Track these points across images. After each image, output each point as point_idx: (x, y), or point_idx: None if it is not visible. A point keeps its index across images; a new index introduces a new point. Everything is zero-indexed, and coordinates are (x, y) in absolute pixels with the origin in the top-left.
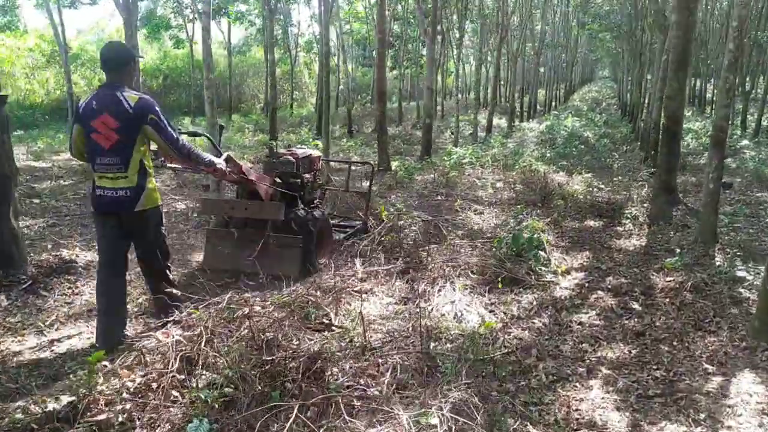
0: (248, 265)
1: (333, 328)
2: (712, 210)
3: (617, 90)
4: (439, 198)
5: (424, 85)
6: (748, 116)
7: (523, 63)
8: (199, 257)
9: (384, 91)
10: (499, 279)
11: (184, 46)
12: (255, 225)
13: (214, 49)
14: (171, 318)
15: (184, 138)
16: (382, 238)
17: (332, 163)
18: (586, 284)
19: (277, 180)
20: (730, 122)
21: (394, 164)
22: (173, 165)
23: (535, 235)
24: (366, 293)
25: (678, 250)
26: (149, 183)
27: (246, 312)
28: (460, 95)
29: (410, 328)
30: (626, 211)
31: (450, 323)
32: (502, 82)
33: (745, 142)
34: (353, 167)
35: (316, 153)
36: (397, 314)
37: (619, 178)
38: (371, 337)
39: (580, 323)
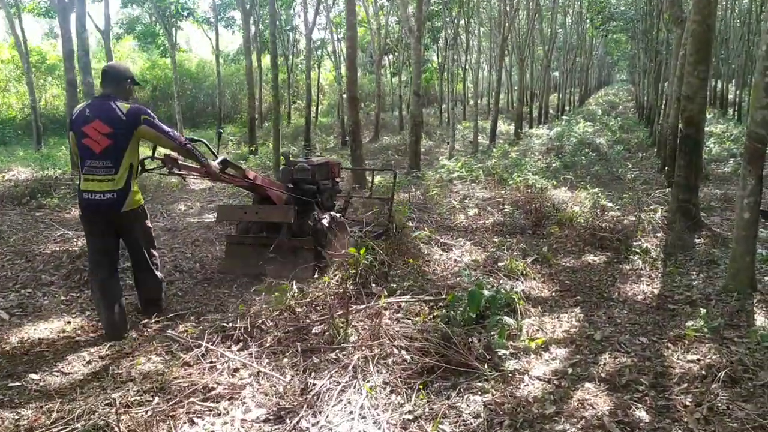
0: (265, 269)
1: None
2: (747, 248)
3: (634, 93)
4: (409, 223)
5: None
6: None
7: (532, 66)
8: None
9: (355, 96)
10: (421, 384)
11: (174, 54)
12: (271, 231)
13: (206, 57)
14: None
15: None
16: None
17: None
18: (569, 370)
19: (291, 186)
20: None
21: (376, 179)
22: (180, 172)
23: (503, 291)
24: (228, 399)
25: (703, 307)
26: (134, 186)
27: None
28: (471, 101)
29: None
30: (635, 243)
31: None
32: (515, 88)
33: None
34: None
35: (334, 160)
36: None
37: (630, 194)
38: None
39: None
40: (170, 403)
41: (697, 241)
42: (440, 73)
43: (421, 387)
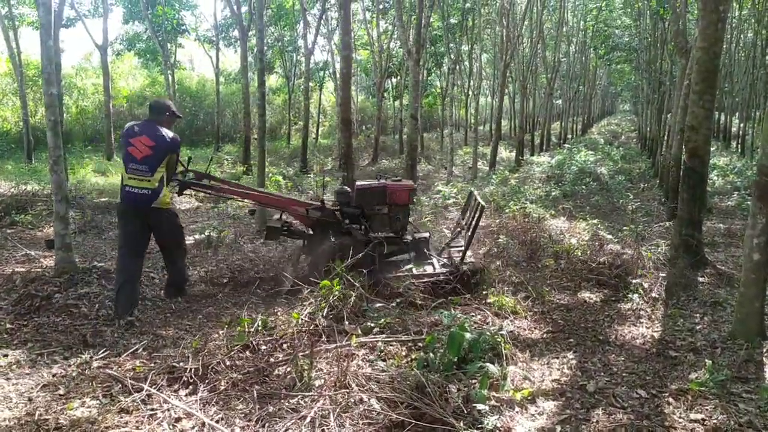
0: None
1: None
2: (757, 292)
3: (637, 123)
4: None
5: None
6: None
7: (534, 93)
8: None
9: (348, 117)
10: None
11: (167, 71)
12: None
13: (209, 75)
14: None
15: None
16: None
17: None
18: (558, 429)
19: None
20: (750, 158)
21: None
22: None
23: (488, 333)
24: None
25: (708, 357)
26: (165, 191)
27: None
28: (472, 127)
29: None
30: (635, 280)
31: None
32: (518, 115)
33: None
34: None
35: (396, 185)
36: None
37: (631, 227)
38: None
39: None
40: None
41: (701, 279)
42: (442, 98)
43: None
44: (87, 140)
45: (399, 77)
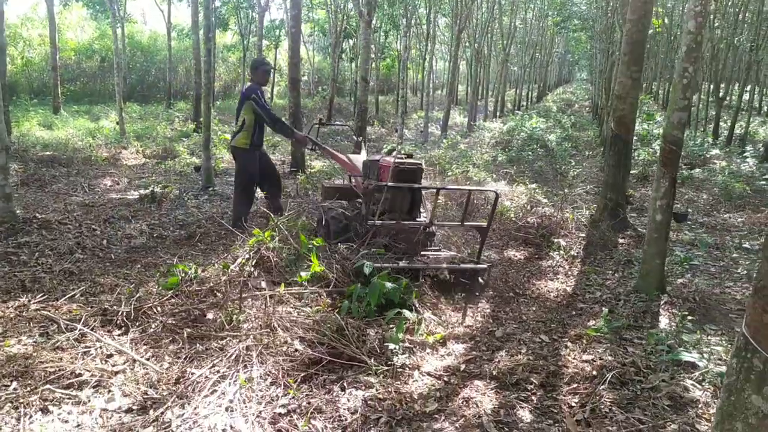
0: None
1: None
2: (658, 249)
3: (591, 92)
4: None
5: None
6: (721, 123)
7: (490, 59)
8: None
9: (297, 77)
10: (304, 376)
11: (115, 23)
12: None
13: (161, 30)
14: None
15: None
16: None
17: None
18: (462, 366)
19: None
20: (700, 130)
21: (317, 165)
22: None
23: (406, 283)
24: (93, 387)
25: (609, 308)
26: (243, 134)
27: None
28: (430, 90)
29: None
30: (557, 240)
31: None
32: (473, 80)
33: (715, 151)
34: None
35: (386, 160)
36: None
37: (566, 191)
38: None
39: None
40: (27, 389)
41: (621, 240)
42: (399, 61)
43: (300, 380)
44: (33, 93)
45: (355, 38)
